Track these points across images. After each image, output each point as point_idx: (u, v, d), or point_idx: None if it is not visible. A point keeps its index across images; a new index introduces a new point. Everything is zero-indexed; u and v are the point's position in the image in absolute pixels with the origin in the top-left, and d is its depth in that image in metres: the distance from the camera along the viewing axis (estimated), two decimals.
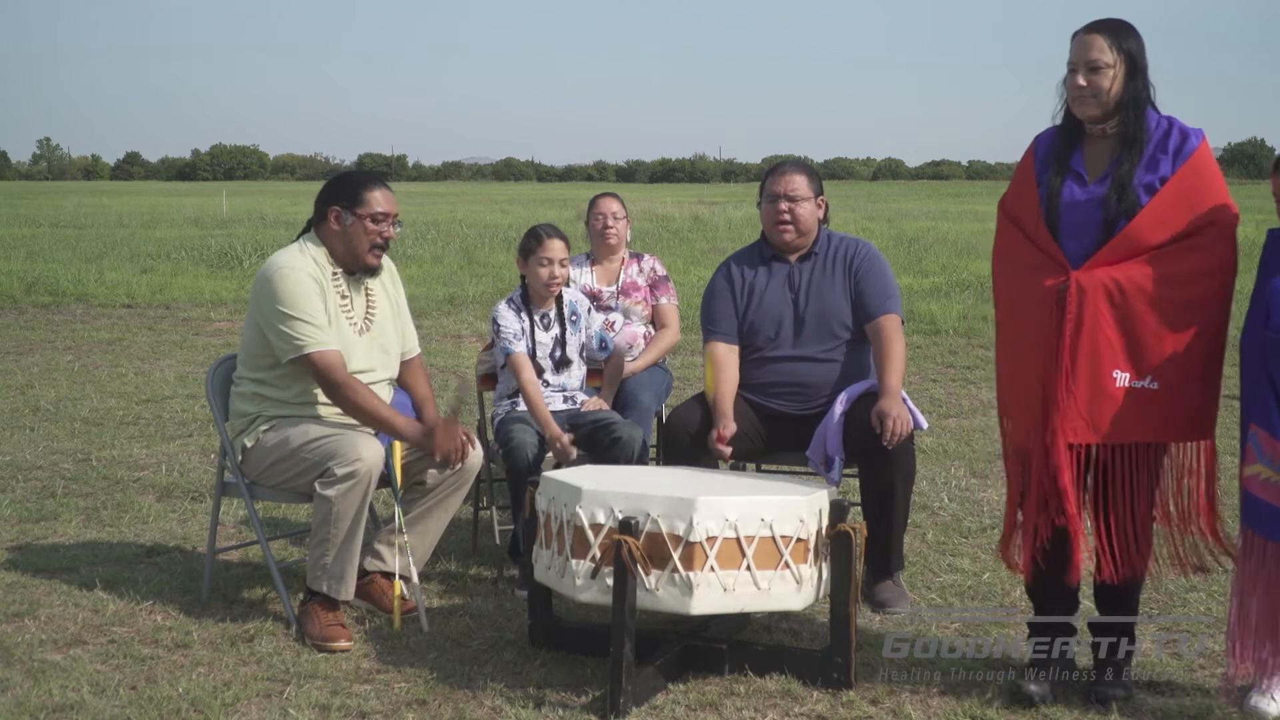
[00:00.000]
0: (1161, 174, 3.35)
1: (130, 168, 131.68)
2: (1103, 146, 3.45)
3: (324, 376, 4.02)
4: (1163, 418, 3.33)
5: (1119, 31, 3.39)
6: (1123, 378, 3.31)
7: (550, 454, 4.54)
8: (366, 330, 4.22)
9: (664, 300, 5.49)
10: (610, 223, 5.46)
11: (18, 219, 31.17)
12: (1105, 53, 3.36)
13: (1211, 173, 3.37)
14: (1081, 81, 3.38)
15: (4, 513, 5.40)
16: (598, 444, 4.52)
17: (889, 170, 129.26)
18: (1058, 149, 3.49)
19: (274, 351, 4.07)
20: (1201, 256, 3.32)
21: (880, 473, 4.25)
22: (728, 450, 4.28)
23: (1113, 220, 3.35)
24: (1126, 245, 3.33)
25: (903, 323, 4.55)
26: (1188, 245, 3.31)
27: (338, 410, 4.10)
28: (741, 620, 4.02)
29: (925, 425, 4.41)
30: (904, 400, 4.29)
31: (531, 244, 4.74)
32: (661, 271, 5.56)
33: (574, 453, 4.48)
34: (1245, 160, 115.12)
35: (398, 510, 4.15)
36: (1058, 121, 3.53)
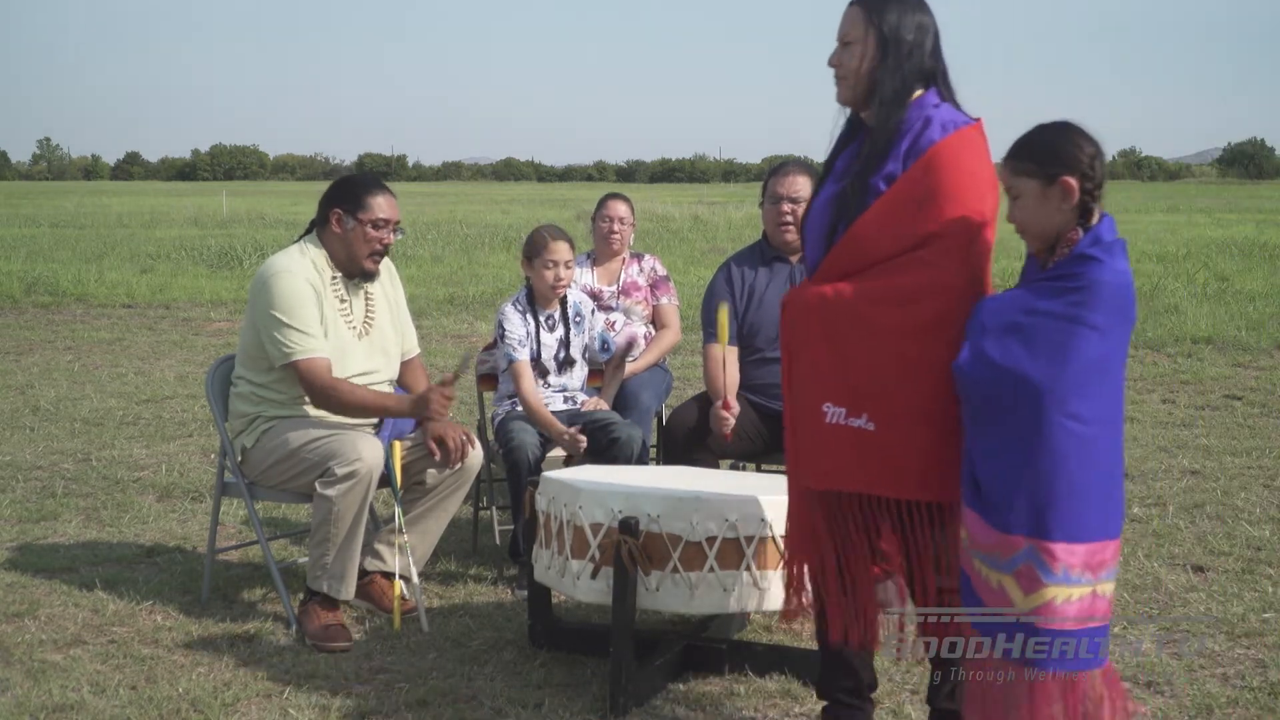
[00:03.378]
0: (889, 172, 2.81)
1: (130, 168, 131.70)
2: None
3: (309, 383, 4.03)
4: (880, 466, 2.74)
5: (878, 3, 2.87)
6: (835, 413, 2.77)
7: (550, 455, 4.54)
8: (366, 334, 4.22)
9: (664, 300, 5.49)
10: (617, 228, 5.46)
11: (18, 219, 31.17)
12: (855, 26, 2.87)
13: (954, 171, 2.76)
14: (832, 59, 2.92)
15: (4, 513, 5.39)
16: (598, 444, 4.52)
17: None
18: (837, 143, 3.01)
19: (269, 356, 4.07)
20: (925, 272, 2.74)
21: None
22: (731, 420, 4.23)
23: (835, 227, 2.87)
24: (847, 256, 2.82)
25: None
26: (914, 259, 2.75)
27: None
28: (741, 620, 4.02)
29: None
30: None
31: (537, 246, 4.74)
32: (662, 271, 5.56)
33: (584, 442, 4.48)
34: (1245, 160, 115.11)
35: (398, 510, 4.15)
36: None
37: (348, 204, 4.14)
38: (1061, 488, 2.50)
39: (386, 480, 4.14)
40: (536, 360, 4.72)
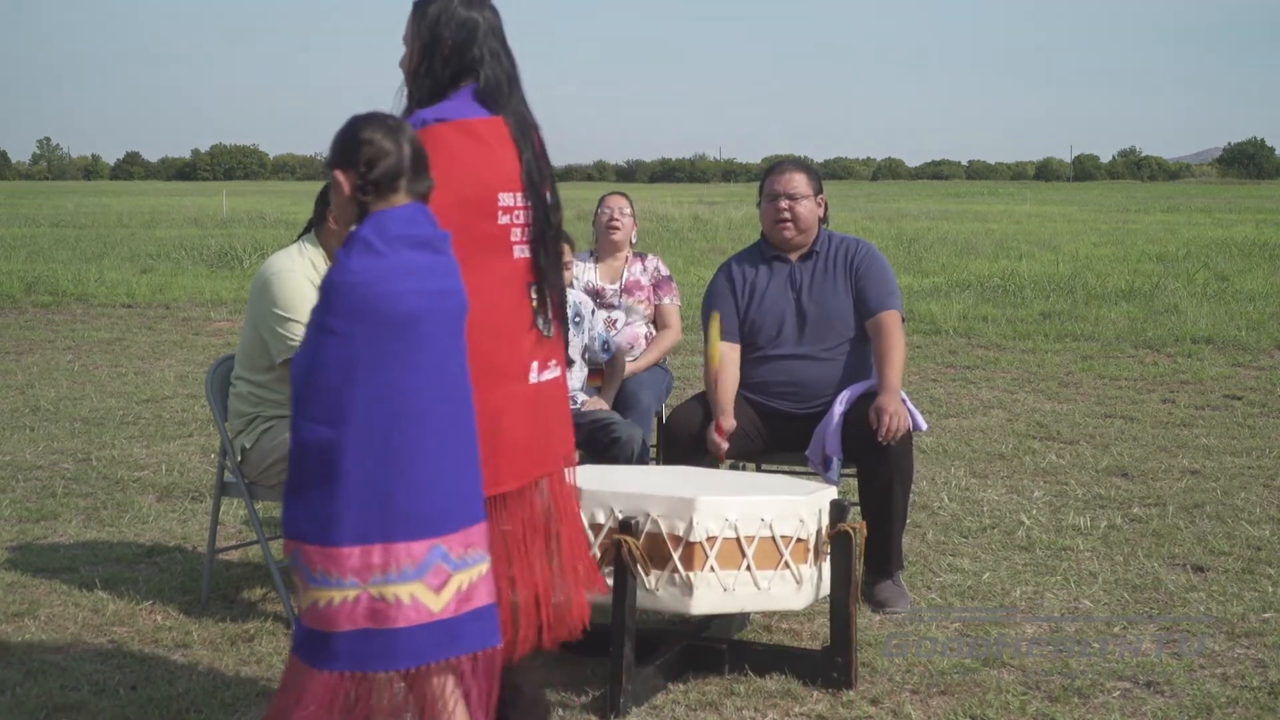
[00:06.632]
0: None
1: (130, 168, 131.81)
2: None
3: None
4: None
5: (422, 4, 2.86)
6: None
7: None
8: None
9: (666, 300, 5.50)
10: (617, 216, 5.48)
11: (18, 219, 31.17)
12: (408, 28, 2.89)
13: (433, 156, 2.62)
14: (400, 63, 2.94)
15: (4, 513, 5.39)
16: (597, 444, 4.52)
17: (889, 170, 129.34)
18: None
19: (270, 352, 4.07)
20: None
21: (879, 472, 4.25)
22: (725, 445, 4.28)
23: None
24: None
25: (903, 321, 4.56)
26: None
27: None
28: (741, 620, 4.02)
29: (925, 427, 4.41)
30: (904, 401, 4.30)
31: None
32: (665, 272, 5.58)
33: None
34: (1245, 160, 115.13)
35: None
36: None
37: None
38: (310, 492, 2.48)
39: None
40: None
